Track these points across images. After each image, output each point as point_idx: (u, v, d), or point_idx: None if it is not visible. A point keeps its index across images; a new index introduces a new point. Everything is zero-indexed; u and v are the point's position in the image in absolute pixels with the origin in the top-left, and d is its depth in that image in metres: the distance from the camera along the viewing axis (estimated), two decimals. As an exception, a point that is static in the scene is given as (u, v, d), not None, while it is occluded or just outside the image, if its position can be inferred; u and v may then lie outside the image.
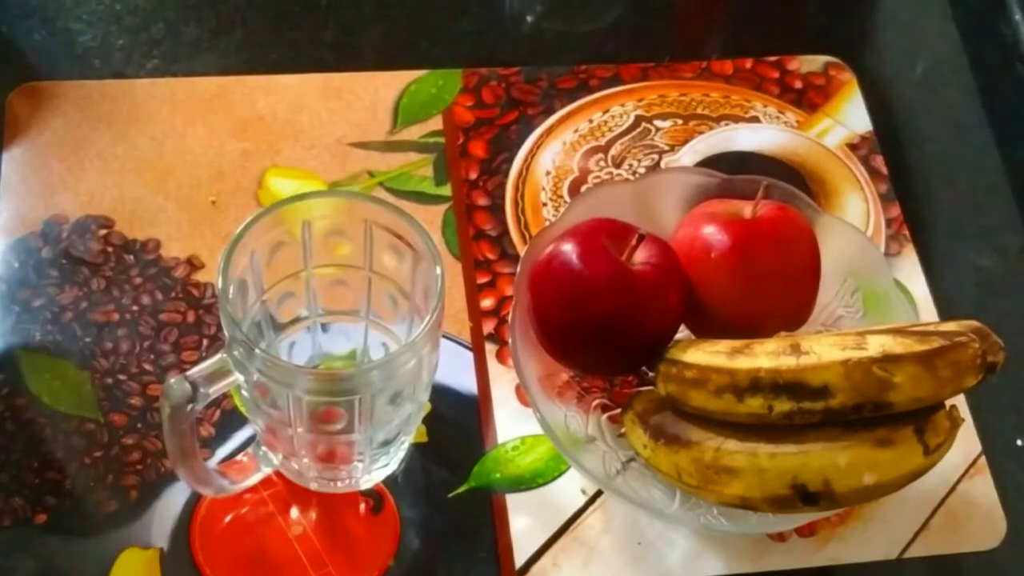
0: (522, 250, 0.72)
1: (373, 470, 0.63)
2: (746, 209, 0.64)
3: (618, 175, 0.76)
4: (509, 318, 0.64)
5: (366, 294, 0.63)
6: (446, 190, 0.75)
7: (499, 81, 0.79)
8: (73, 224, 0.71)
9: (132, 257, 0.70)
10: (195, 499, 0.63)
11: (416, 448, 0.65)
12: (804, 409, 0.55)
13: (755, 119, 0.79)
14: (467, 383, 0.68)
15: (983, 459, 0.67)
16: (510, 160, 0.76)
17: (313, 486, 0.64)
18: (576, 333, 0.61)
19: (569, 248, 0.61)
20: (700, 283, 0.63)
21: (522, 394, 0.67)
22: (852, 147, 0.79)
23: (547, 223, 0.72)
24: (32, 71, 0.78)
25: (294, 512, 0.63)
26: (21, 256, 0.70)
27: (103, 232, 0.71)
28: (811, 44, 0.83)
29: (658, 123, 0.78)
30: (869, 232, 0.74)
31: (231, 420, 0.66)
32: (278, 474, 0.63)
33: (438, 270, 0.56)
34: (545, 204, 0.75)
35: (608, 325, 0.60)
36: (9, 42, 0.79)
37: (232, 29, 0.80)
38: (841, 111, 0.80)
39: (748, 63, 0.82)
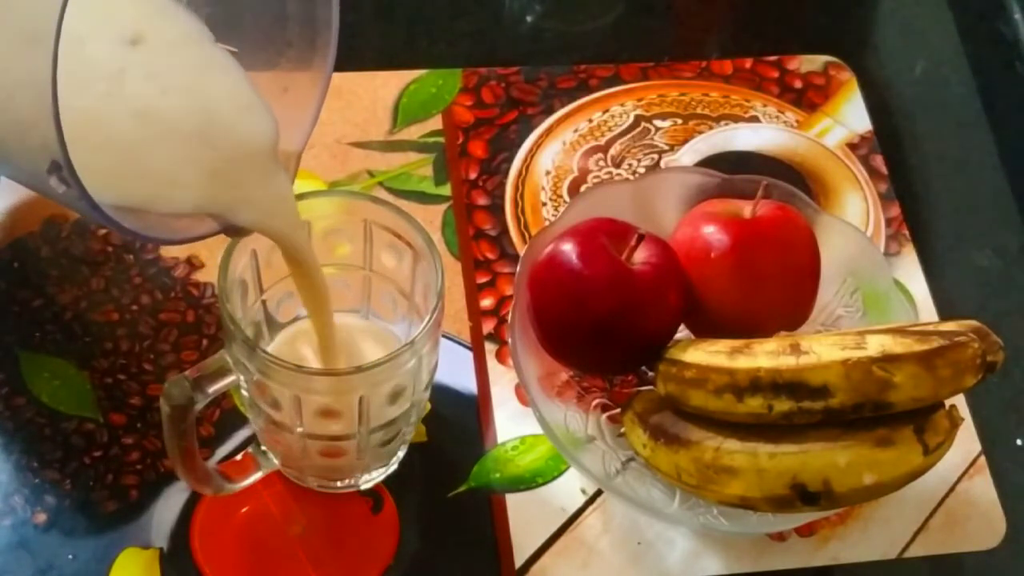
0: (522, 250, 0.72)
1: (373, 470, 0.63)
2: (746, 209, 0.64)
3: (618, 175, 0.76)
4: (509, 318, 0.64)
5: (366, 294, 0.63)
6: (446, 190, 0.75)
7: (499, 81, 0.79)
8: (73, 224, 0.71)
9: (132, 257, 0.70)
10: (195, 499, 0.63)
11: (416, 448, 0.65)
12: (804, 409, 0.55)
13: (755, 119, 0.79)
14: (467, 383, 0.68)
15: (983, 459, 0.67)
16: (510, 160, 0.76)
17: (313, 486, 0.64)
18: (576, 333, 0.61)
19: (569, 248, 0.61)
20: (700, 283, 0.63)
21: (522, 394, 0.67)
22: (852, 147, 0.79)
23: (547, 223, 0.72)
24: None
25: (294, 512, 0.63)
26: (21, 256, 0.70)
27: (103, 232, 0.71)
28: (811, 44, 0.83)
29: (658, 123, 0.78)
30: (869, 232, 0.74)
31: (231, 420, 0.66)
32: (278, 474, 0.63)
33: (438, 269, 0.56)
34: (545, 204, 0.75)
35: (608, 325, 0.60)
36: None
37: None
38: (841, 111, 0.80)
39: (748, 63, 0.82)
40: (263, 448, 0.62)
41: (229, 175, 0.53)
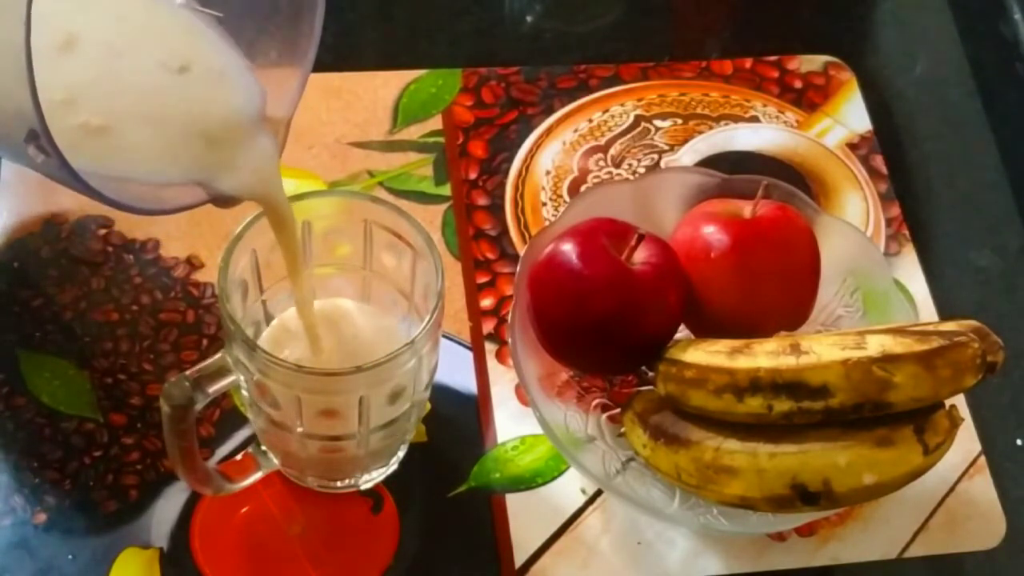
0: (522, 250, 0.72)
1: (373, 470, 0.63)
2: (746, 209, 0.64)
3: (618, 175, 0.76)
4: (509, 318, 0.64)
5: (366, 294, 0.63)
6: (446, 190, 0.75)
7: (499, 81, 0.79)
8: (73, 224, 0.71)
9: (132, 257, 0.70)
10: (195, 499, 0.63)
11: (416, 448, 0.65)
12: (804, 409, 0.55)
13: (755, 119, 0.79)
14: (467, 383, 0.68)
15: (983, 459, 0.67)
16: (510, 160, 0.76)
17: (313, 486, 0.64)
18: (576, 333, 0.61)
19: (569, 248, 0.61)
20: (700, 283, 0.63)
21: (522, 394, 0.67)
22: (852, 147, 0.79)
23: (547, 223, 0.72)
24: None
25: (294, 512, 0.63)
26: (21, 256, 0.70)
27: (103, 232, 0.71)
28: (811, 44, 0.83)
29: (658, 123, 0.78)
30: (869, 232, 0.74)
31: (231, 420, 0.66)
32: (278, 474, 0.63)
33: (438, 269, 0.56)
34: (545, 204, 0.75)
35: (608, 325, 0.60)
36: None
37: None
38: (841, 111, 0.80)
39: (748, 63, 0.82)
40: (263, 448, 0.62)
41: (213, 143, 0.53)
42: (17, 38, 0.42)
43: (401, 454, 0.64)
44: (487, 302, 0.71)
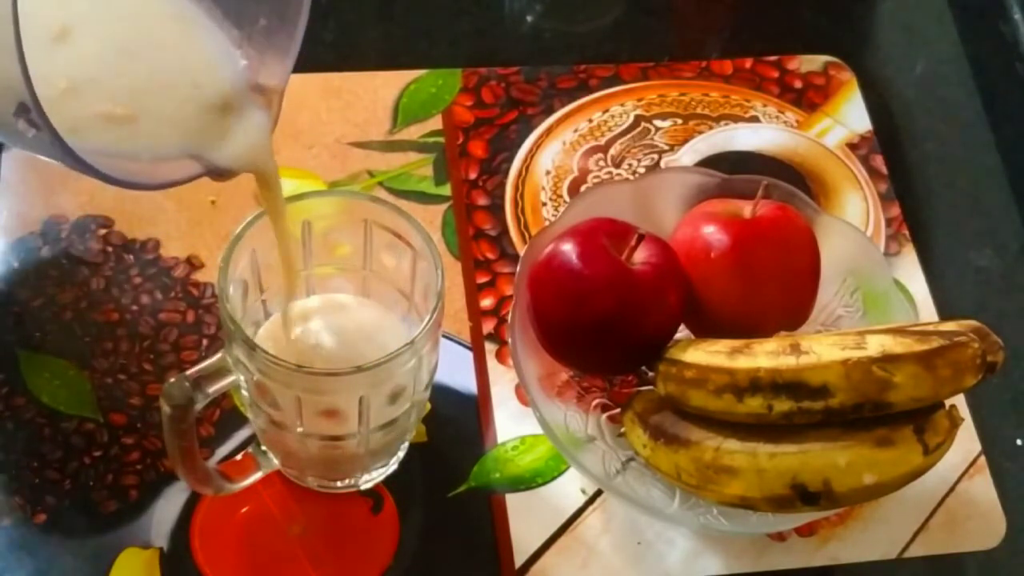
0: (522, 250, 0.72)
1: (373, 470, 0.63)
2: (746, 209, 0.64)
3: (618, 175, 0.76)
4: (509, 318, 0.64)
5: (366, 294, 0.63)
6: (446, 190, 0.75)
7: (499, 81, 0.79)
8: (73, 224, 0.71)
9: (132, 257, 0.71)
10: (195, 499, 0.63)
11: (416, 448, 0.65)
12: (804, 409, 0.55)
13: (755, 119, 0.79)
14: (467, 383, 0.68)
15: (983, 459, 0.67)
16: (510, 160, 0.76)
17: (313, 486, 0.64)
18: (576, 333, 0.61)
19: (569, 248, 0.61)
20: (700, 283, 0.63)
21: (522, 394, 0.67)
22: (852, 147, 0.79)
23: (547, 223, 0.72)
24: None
25: (294, 512, 0.63)
26: (21, 256, 0.70)
27: (103, 232, 0.71)
28: (811, 44, 0.83)
29: (658, 123, 0.78)
30: (869, 232, 0.74)
31: (231, 420, 0.66)
32: (278, 474, 0.63)
33: (438, 269, 0.56)
34: (545, 204, 0.75)
35: (608, 325, 0.60)
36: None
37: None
38: (841, 111, 0.80)
39: (748, 63, 0.82)
40: (263, 448, 0.62)
41: (209, 119, 0.53)
42: (4, 12, 0.41)
43: (401, 454, 0.64)
44: (487, 302, 0.71)
